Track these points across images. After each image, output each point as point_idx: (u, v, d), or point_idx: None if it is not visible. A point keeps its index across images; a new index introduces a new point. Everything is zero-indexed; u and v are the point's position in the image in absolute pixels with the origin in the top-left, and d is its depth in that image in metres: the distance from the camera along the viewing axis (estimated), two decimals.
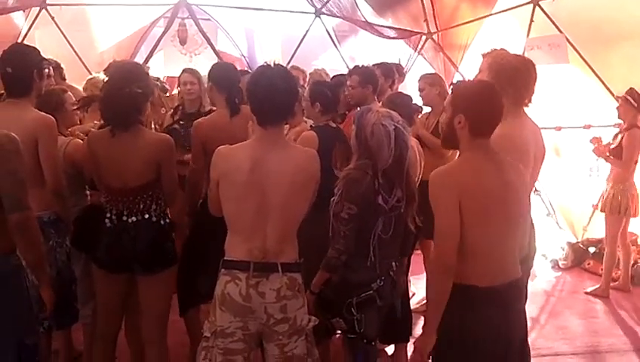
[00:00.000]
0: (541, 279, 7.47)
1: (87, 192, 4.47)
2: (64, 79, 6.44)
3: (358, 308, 3.58)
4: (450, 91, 3.19)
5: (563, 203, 8.45)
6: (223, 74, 4.58)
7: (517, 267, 3.06)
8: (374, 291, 3.59)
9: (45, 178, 3.88)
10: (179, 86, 5.98)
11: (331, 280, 3.60)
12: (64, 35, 9.36)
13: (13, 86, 3.97)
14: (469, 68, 8.26)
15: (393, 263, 3.67)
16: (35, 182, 3.79)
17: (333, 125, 4.78)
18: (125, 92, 3.61)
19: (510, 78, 3.71)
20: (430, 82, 6.13)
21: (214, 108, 5.50)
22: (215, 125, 4.41)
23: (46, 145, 3.86)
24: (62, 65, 6.58)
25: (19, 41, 9.16)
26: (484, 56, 4.71)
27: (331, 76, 6.74)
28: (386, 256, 3.57)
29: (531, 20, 7.90)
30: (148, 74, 3.84)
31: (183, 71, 5.93)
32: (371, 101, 5.38)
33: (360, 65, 5.68)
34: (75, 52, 9.09)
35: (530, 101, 3.79)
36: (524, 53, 7.19)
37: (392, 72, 6.41)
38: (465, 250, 2.92)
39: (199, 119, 4.71)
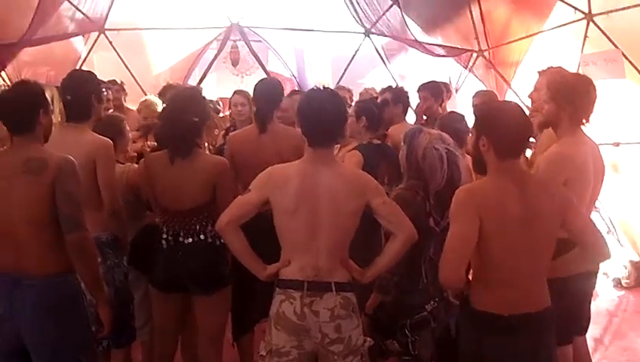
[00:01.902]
0: (603, 298, 7.26)
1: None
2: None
3: (412, 330, 3.55)
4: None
5: (624, 220, 8.23)
6: (260, 89, 4.67)
7: (544, 295, 2.95)
8: (428, 312, 3.56)
9: (103, 199, 3.97)
10: (230, 107, 6.07)
11: (385, 302, 3.58)
12: (121, 59, 9.63)
13: (73, 111, 4.08)
14: (522, 84, 8.15)
15: None
16: (94, 204, 3.90)
17: (377, 142, 4.81)
18: (184, 119, 3.72)
19: (569, 97, 3.65)
20: (485, 99, 6.09)
21: None
22: (244, 139, 4.52)
23: (104, 168, 3.96)
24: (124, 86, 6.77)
25: (78, 64, 9.50)
26: (540, 73, 4.64)
27: None
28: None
29: (585, 36, 7.76)
30: (205, 99, 3.92)
31: (234, 93, 6.03)
32: (400, 120, 5.48)
33: (394, 86, 5.71)
34: (131, 74, 9.31)
35: (587, 120, 3.72)
36: (578, 68, 7.08)
37: (441, 91, 6.41)
38: (485, 276, 2.88)
39: (232, 133, 4.83)
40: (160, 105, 5.55)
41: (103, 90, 4.27)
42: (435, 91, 6.27)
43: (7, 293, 3.10)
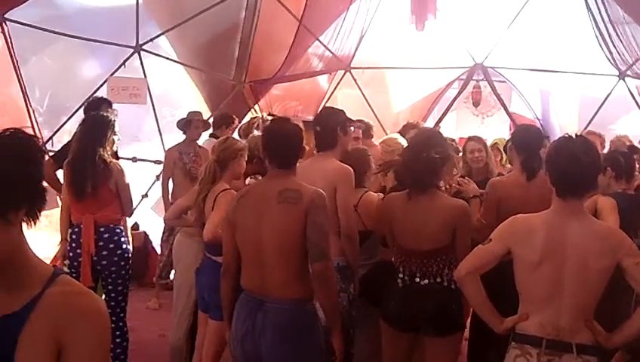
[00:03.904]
0: None
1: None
2: (371, 136, 6.76)
3: None
4: None
5: None
6: (524, 136, 4.59)
7: None
8: None
9: (340, 222, 4.11)
10: (464, 153, 5.98)
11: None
12: (364, 96, 9.98)
13: (321, 141, 4.39)
14: None
15: None
16: (331, 229, 4.05)
17: (631, 192, 4.57)
18: (423, 157, 3.78)
19: None
20: None
21: (503, 174, 5.47)
22: (510, 185, 4.45)
23: (343, 193, 4.12)
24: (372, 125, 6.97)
25: (324, 100, 9.99)
26: None
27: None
28: None
29: None
30: (445, 140, 3.95)
31: (469, 139, 5.96)
32: None
33: None
34: (373, 112, 9.60)
35: None
36: None
37: None
38: None
39: (495, 178, 4.82)
40: (402, 143, 5.64)
41: (351, 127, 4.48)
42: None
43: (251, 313, 3.33)
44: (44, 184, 1.76)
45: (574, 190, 3.01)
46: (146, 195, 8.77)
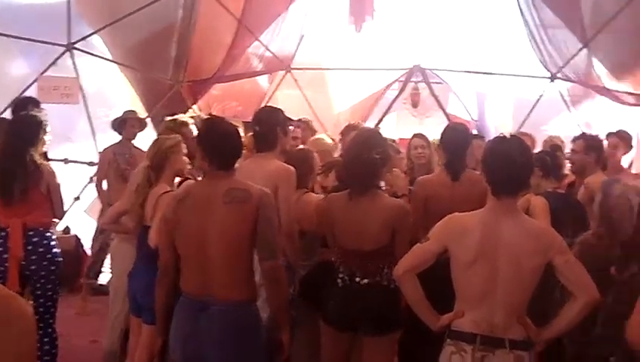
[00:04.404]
0: None
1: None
2: (315, 132, 6.79)
3: None
4: None
5: None
6: (451, 136, 4.68)
7: None
8: None
9: (281, 221, 4.05)
10: (408, 149, 6.06)
11: (565, 353, 3.49)
12: (305, 97, 9.99)
13: (260, 142, 4.35)
14: None
15: None
16: None
17: (562, 191, 4.74)
18: (363, 157, 3.79)
19: None
20: None
21: None
22: (437, 184, 4.53)
23: (284, 191, 4.11)
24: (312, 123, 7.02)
25: (264, 101, 9.95)
26: None
27: None
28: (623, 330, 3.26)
29: None
30: (386, 140, 3.98)
31: (414, 136, 6.08)
32: (592, 170, 5.19)
33: (589, 133, 5.48)
34: (313, 112, 9.58)
35: None
36: None
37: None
38: None
39: (422, 177, 4.88)
40: (328, 141, 5.71)
41: (290, 127, 4.47)
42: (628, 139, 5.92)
43: (192, 315, 3.29)
44: None
45: (509, 189, 3.07)
46: (78, 198, 8.56)
